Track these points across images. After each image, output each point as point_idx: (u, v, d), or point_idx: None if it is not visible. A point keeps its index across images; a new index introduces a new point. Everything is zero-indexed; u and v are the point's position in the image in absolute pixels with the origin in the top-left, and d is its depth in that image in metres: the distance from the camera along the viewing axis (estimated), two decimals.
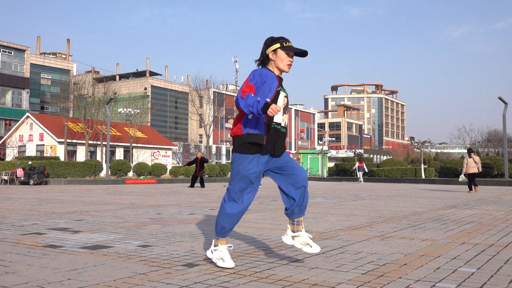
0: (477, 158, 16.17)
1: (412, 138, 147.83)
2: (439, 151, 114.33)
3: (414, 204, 10.37)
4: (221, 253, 3.48)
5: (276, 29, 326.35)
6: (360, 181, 29.90)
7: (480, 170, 16.29)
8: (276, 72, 3.51)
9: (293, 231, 3.62)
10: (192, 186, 20.78)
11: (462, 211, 8.42)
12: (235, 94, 74.19)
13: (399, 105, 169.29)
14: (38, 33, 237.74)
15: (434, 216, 7.45)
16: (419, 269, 3.44)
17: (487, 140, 66.45)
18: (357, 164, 30.82)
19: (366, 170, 31.54)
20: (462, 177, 16.67)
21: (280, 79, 3.52)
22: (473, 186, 16.12)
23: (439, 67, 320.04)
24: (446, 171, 31.80)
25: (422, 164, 33.56)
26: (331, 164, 54.61)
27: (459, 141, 63.12)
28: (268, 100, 3.21)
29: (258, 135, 3.33)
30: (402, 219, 6.99)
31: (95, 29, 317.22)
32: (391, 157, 70.82)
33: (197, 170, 20.98)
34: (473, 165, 16.07)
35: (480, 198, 12.70)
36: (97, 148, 40.89)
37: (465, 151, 70.15)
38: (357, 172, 30.48)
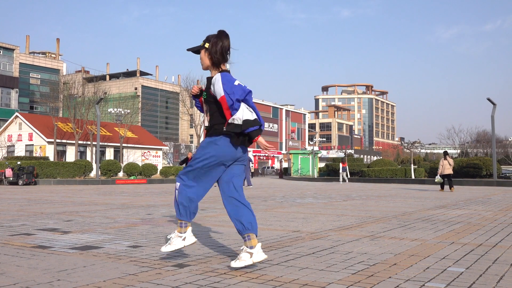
0: (451, 161, 17.38)
1: (402, 139, 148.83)
2: (428, 151, 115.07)
3: (404, 204, 10.43)
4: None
5: (267, 29, 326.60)
6: (344, 181, 30.64)
7: (451, 172, 17.50)
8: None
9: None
10: None
11: (452, 211, 8.48)
12: None
13: (389, 105, 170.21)
14: (27, 32, 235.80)
15: (423, 216, 7.49)
16: (409, 269, 3.46)
17: (476, 141, 67.07)
18: (340, 164, 31.66)
19: (348, 171, 32.38)
20: (438, 178, 17.70)
21: (207, 81, 3.56)
22: (450, 185, 17.28)
23: (429, 68, 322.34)
24: (436, 171, 31.98)
25: (412, 165, 33.76)
26: (322, 165, 54.77)
27: (449, 142, 63.64)
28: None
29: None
30: (392, 219, 7.02)
31: (85, 29, 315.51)
32: (381, 157, 71.11)
33: None
34: (448, 167, 17.24)
35: (469, 198, 12.80)
36: (87, 148, 40.65)
37: (455, 151, 70.75)
38: (341, 173, 31.26)
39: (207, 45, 3.50)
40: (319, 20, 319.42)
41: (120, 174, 35.00)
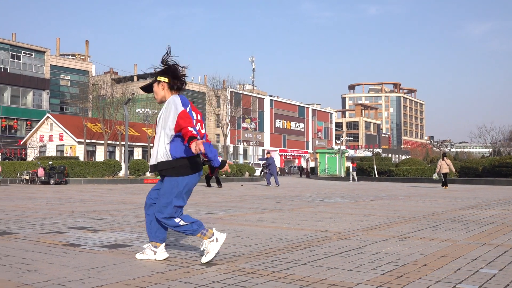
0: (448, 161, 19.84)
1: (431, 137, 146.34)
2: (459, 150, 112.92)
3: (434, 204, 10.25)
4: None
5: (293, 29, 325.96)
6: (354, 180, 32.68)
7: (453, 170, 20.60)
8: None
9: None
10: (208, 185, 20.82)
11: (483, 212, 8.29)
12: (252, 94, 74.35)
13: (418, 103, 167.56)
14: (57, 35, 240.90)
15: (454, 217, 7.35)
16: (439, 270, 3.40)
17: (508, 139, 65.43)
18: (351, 165, 34.16)
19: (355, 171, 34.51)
20: (435, 176, 20.16)
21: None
22: (445, 183, 19.72)
23: (459, 65, 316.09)
24: (466, 170, 31.33)
25: None
26: (349, 164, 54.30)
27: (480, 140, 62.26)
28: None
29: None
30: (422, 219, 6.91)
31: (113, 30, 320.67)
32: (409, 156, 70.11)
33: (209, 170, 21.06)
34: (445, 166, 19.66)
35: (501, 198, 12.50)
36: (116, 148, 41.29)
37: (486, 150, 69.17)
38: (351, 172, 33.42)
39: (160, 78, 3.90)
40: (345, 18, 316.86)
41: (148, 173, 35.43)
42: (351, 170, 33.59)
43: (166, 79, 3.79)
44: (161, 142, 3.63)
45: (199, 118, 3.81)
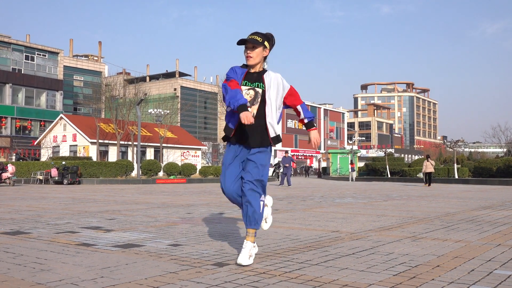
0: (433, 162, 23.43)
1: (444, 137, 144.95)
2: (472, 150, 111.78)
3: (447, 204, 10.16)
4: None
5: (305, 28, 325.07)
6: (353, 180, 34.94)
7: (433, 171, 23.61)
8: (254, 67, 3.73)
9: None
10: None
11: (497, 212, 8.20)
12: None
13: (431, 103, 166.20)
14: (71, 36, 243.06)
15: (468, 217, 7.28)
16: (453, 271, 3.36)
17: None
18: (349, 165, 36.85)
19: (355, 170, 37.72)
20: (421, 175, 24.03)
21: (250, 74, 3.70)
22: (429, 182, 22.90)
23: (472, 64, 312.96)
24: (480, 171, 31.02)
25: (455, 164, 32.81)
26: (361, 164, 54.03)
27: (494, 140, 61.47)
28: (247, 103, 3.47)
29: (227, 128, 3.68)
30: (435, 220, 6.85)
31: (125, 31, 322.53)
32: (423, 156, 69.49)
33: None
34: (430, 167, 23.03)
35: None
36: (128, 148, 41.55)
37: (501, 150, 68.40)
38: (350, 172, 35.87)
39: (267, 44, 3.71)
40: (358, 17, 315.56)
41: (160, 173, 35.61)
42: (350, 170, 36.37)
43: (268, 48, 3.76)
44: (275, 115, 3.66)
45: None
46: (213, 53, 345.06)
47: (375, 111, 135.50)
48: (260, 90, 3.65)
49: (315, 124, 3.82)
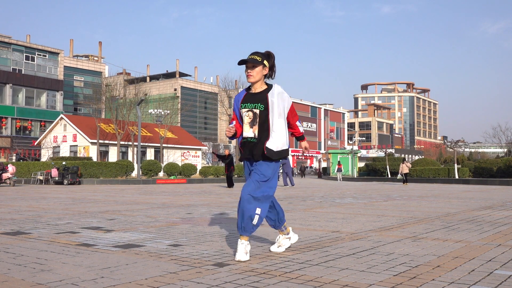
0: (408, 165, 25.87)
1: (445, 138, 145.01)
2: (473, 150, 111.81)
3: (448, 204, 10.16)
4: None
5: (305, 28, 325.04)
6: (340, 180, 36.69)
7: (408, 171, 26.07)
8: (255, 85, 3.99)
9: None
10: (231, 185, 20.58)
11: (498, 212, 8.20)
12: None
13: (431, 103, 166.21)
14: (71, 36, 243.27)
15: (468, 217, 7.28)
16: (453, 271, 3.36)
17: None
18: (336, 166, 38.68)
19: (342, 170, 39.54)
20: (399, 176, 26.41)
21: (249, 95, 3.97)
22: (406, 181, 25.47)
23: (473, 65, 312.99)
24: (481, 171, 31.01)
25: (456, 164, 32.80)
26: (361, 164, 54.03)
27: (494, 140, 61.44)
28: (231, 125, 3.94)
29: (239, 147, 4.08)
30: (435, 220, 6.85)
31: (126, 32, 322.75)
32: (423, 156, 69.52)
33: (226, 169, 21.18)
34: (405, 168, 25.43)
35: None
36: (129, 148, 41.56)
37: (501, 150, 68.50)
38: (337, 173, 37.88)
39: (266, 62, 3.96)
40: (359, 17, 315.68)
41: (161, 174, 35.60)
42: (336, 170, 38.54)
43: (267, 66, 3.98)
44: (282, 129, 3.89)
45: None
46: (214, 53, 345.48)
47: (375, 111, 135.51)
48: (257, 111, 3.89)
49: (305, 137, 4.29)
